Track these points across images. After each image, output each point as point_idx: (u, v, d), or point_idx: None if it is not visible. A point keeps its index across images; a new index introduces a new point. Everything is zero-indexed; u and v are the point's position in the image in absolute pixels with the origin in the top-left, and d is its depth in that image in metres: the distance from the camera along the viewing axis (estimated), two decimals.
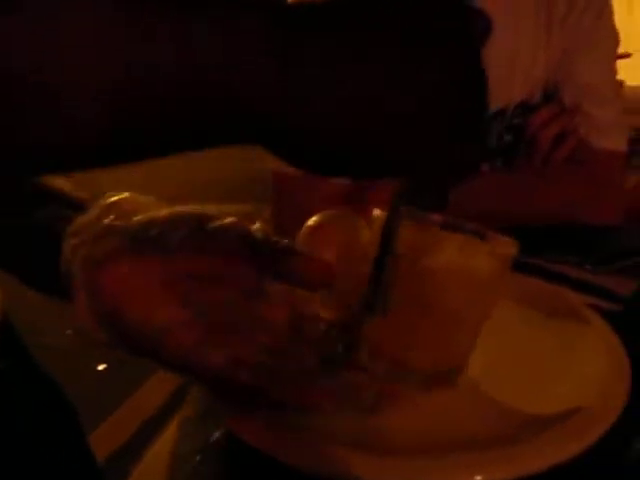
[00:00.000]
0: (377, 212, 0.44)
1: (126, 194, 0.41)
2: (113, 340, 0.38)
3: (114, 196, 0.41)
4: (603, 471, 0.40)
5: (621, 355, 0.47)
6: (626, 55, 2.35)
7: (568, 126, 0.93)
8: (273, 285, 0.42)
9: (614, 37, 0.98)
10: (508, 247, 0.42)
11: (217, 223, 0.41)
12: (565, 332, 0.51)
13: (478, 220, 0.88)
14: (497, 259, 0.41)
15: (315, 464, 0.37)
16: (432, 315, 0.41)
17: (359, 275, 0.40)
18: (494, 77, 0.96)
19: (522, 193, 0.91)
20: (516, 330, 0.52)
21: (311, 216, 0.50)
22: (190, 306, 0.38)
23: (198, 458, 0.44)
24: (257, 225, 0.42)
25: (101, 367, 1.73)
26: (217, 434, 0.43)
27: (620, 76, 1.04)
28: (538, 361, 0.48)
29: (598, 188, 0.93)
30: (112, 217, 0.39)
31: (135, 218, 0.39)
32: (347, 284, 0.41)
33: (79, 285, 0.37)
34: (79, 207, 0.41)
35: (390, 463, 0.38)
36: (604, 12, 0.93)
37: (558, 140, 0.92)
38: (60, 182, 0.47)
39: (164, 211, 0.40)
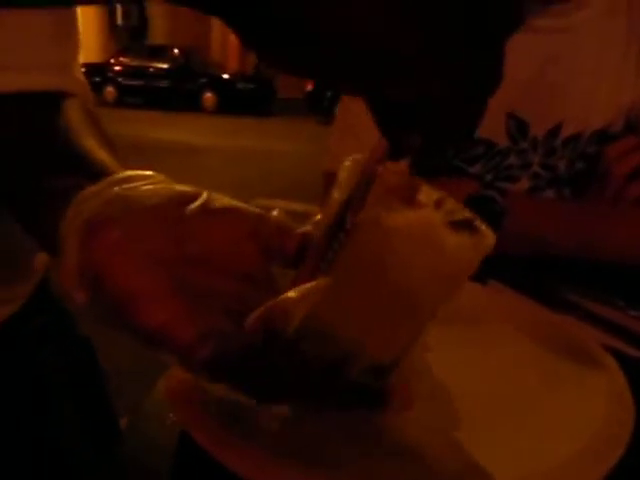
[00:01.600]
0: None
1: (142, 172, 0.41)
2: (92, 305, 0.38)
3: (129, 171, 0.41)
4: None
5: (628, 401, 0.43)
6: None
7: None
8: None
9: None
10: (488, 238, 0.35)
11: (226, 202, 0.40)
12: (570, 373, 0.48)
13: (534, 245, 0.85)
14: (474, 245, 0.35)
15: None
16: (384, 286, 0.34)
17: None
18: (572, 98, 0.92)
19: (586, 225, 0.86)
20: (521, 370, 0.49)
21: None
22: (175, 283, 0.37)
23: None
24: (275, 212, 0.42)
25: None
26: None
27: None
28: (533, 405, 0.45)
29: None
30: (123, 187, 0.39)
31: (143, 187, 0.39)
32: None
33: (72, 245, 0.37)
34: (96, 176, 0.42)
35: None
36: None
37: (634, 176, 0.87)
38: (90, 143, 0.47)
39: (176, 186, 0.40)
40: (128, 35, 17.45)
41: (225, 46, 16.93)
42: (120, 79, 14.28)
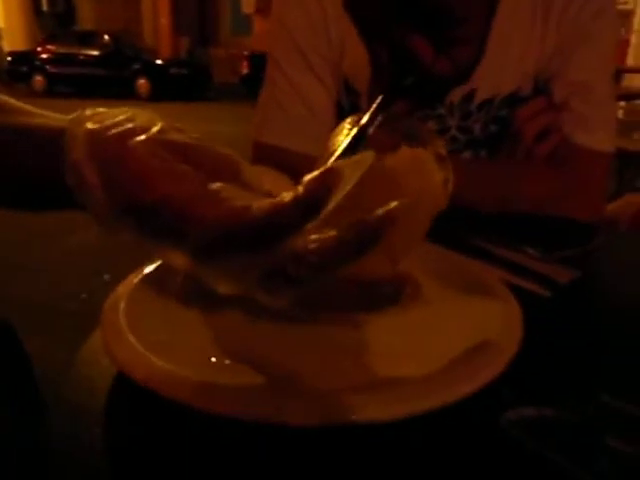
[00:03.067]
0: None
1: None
2: (132, 230, 0.39)
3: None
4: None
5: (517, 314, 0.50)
6: None
7: (554, 122, 0.93)
8: None
9: (613, 37, 0.97)
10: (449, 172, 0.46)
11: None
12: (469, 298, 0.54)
13: (452, 202, 0.91)
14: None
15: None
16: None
17: None
18: (483, 66, 0.98)
19: (500, 182, 0.92)
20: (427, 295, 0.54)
21: None
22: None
23: None
24: None
25: None
26: None
27: None
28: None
29: (576, 186, 0.93)
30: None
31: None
32: None
33: (80, 141, 0.40)
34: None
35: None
36: (605, 10, 0.92)
37: (543, 135, 0.93)
38: None
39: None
40: (55, 21, 16.88)
41: (157, 31, 16.57)
42: (48, 67, 13.82)
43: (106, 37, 14.14)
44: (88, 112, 0.43)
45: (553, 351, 0.52)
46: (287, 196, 0.37)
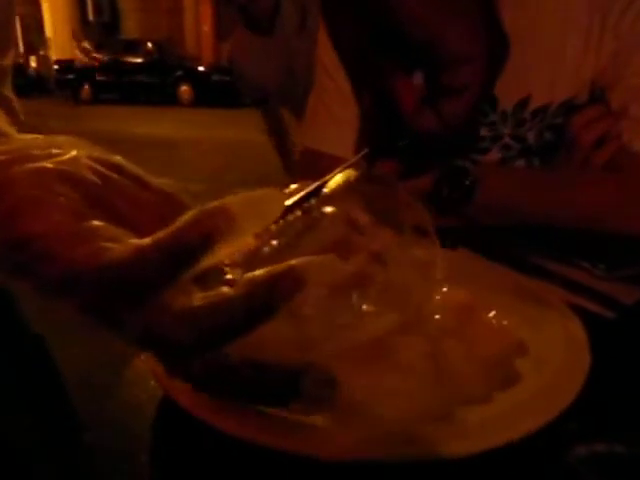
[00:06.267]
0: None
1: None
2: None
3: None
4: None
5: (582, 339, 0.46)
6: None
7: (612, 130, 0.89)
8: None
9: None
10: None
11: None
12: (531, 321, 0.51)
13: (504, 214, 0.88)
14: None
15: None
16: None
17: None
18: (537, 74, 0.94)
19: (554, 193, 0.88)
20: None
21: None
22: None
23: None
24: None
25: None
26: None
27: None
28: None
29: (636, 195, 0.89)
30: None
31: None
32: None
33: None
34: None
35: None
36: None
37: (599, 143, 0.89)
38: None
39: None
40: (101, 31, 17.26)
41: (199, 38, 16.79)
42: (94, 75, 14.14)
43: (150, 45, 14.39)
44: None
45: (619, 379, 0.49)
46: (147, 240, 0.30)
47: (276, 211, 0.33)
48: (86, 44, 15.18)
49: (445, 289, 0.50)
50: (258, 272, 0.29)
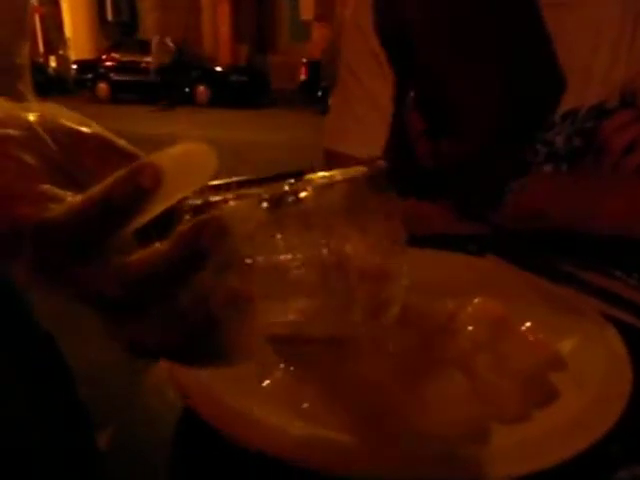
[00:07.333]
0: None
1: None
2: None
3: None
4: None
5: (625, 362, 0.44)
6: None
7: None
8: None
9: None
10: None
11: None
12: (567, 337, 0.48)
13: (533, 220, 0.85)
14: None
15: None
16: None
17: None
18: (570, 74, 0.92)
19: (583, 199, 0.86)
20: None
21: None
22: None
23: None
24: None
25: None
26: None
27: None
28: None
29: None
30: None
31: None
32: None
33: None
34: None
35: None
36: None
37: (631, 148, 0.86)
38: None
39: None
40: (119, 31, 17.35)
41: (217, 39, 16.83)
42: (112, 75, 14.21)
43: (170, 44, 14.44)
44: None
45: None
46: (79, 196, 0.30)
47: (208, 166, 0.33)
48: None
49: (477, 300, 0.48)
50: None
